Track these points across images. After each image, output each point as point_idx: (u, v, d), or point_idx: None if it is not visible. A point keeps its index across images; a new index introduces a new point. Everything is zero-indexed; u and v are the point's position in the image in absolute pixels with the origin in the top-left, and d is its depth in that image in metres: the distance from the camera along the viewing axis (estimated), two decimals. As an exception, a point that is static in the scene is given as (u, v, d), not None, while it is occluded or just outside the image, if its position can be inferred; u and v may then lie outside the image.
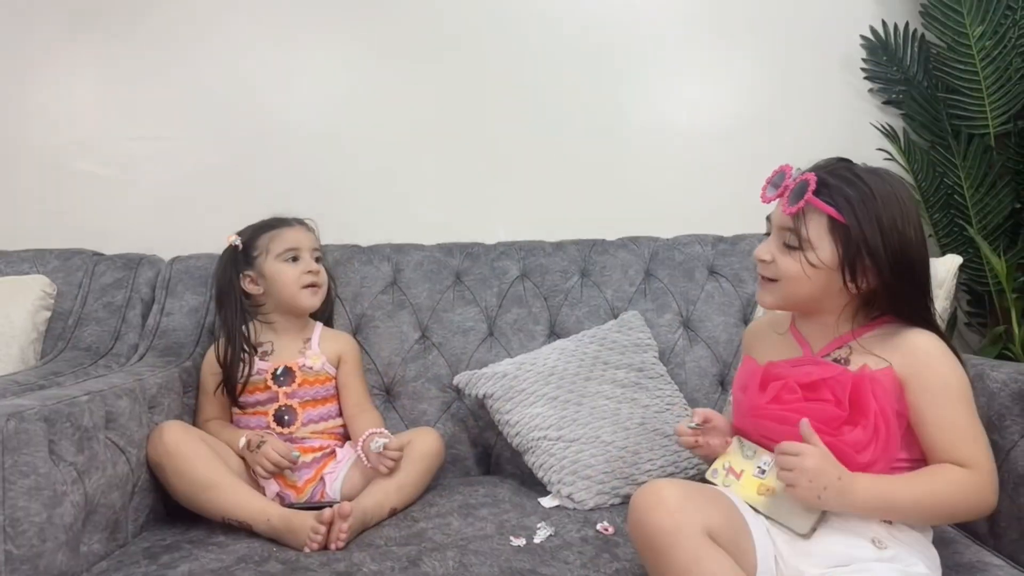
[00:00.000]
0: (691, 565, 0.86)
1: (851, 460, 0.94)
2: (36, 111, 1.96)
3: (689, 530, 0.87)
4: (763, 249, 1.06)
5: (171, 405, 1.41)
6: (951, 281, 1.38)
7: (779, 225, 1.04)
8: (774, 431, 1.00)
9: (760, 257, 1.06)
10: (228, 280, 1.50)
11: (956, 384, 0.98)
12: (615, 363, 1.52)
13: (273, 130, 1.97)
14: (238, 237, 1.52)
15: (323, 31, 1.98)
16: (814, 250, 1.00)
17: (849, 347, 1.04)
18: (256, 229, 1.53)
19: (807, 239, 1.00)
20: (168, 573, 1.08)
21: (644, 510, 0.90)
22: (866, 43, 1.98)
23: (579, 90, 1.99)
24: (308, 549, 1.15)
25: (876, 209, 0.98)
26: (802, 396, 0.99)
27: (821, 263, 1.00)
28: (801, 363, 1.05)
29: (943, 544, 1.06)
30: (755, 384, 1.05)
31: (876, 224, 0.97)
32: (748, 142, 1.98)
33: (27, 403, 1.08)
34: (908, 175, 1.92)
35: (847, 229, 0.98)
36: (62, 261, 1.74)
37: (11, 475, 1.00)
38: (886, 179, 1.02)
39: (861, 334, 1.04)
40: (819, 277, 1.01)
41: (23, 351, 1.59)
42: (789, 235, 1.02)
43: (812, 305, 1.06)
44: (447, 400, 1.63)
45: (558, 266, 1.75)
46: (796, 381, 1.00)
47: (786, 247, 1.03)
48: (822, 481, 0.91)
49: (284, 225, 1.53)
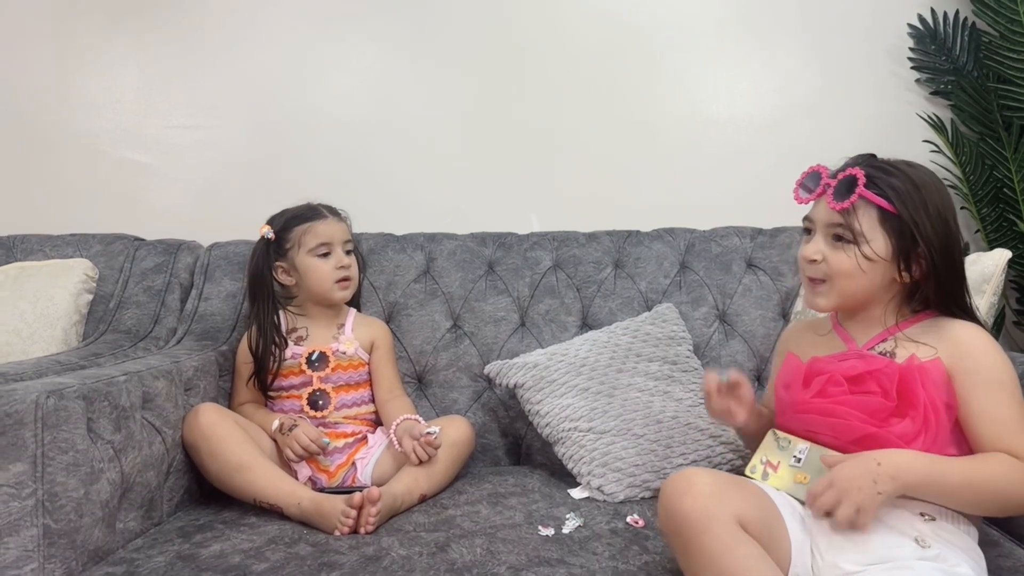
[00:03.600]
0: (721, 552, 0.85)
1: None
2: (80, 100, 2.00)
3: (720, 517, 0.86)
4: (812, 249, 1.04)
5: (207, 388, 1.43)
6: (999, 276, 1.34)
7: (826, 222, 1.03)
8: (819, 424, 0.99)
9: (810, 257, 1.04)
10: (260, 272, 1.51)
11: (1003, 376, 0.97)
12: (648, 355, 1.51)
13: (310, 120, 1.99)
14: (270, 229, 1.52)
15: (360, 23, 1.99)
16: (868, 243, 0.99)
17: (894, 340, 1.03)
18: (289, 219, 1.52)
19: (861, 232, 0.99)
20: (200, 552, 1.10)
21: (674, 496, 0.89)
22: (914, 32, 1.92)
23: (615, 80, 1.97)
24: (338, 533, 1.16)
25: (923, 197, 0.98)
26: (847, 389, 0.98)
27: (876, 255, 0.99)
28: (846, 357, 1.03)
29: (986, 546, 1.03)
30: (798, 381, 1.04)
31: (924, 212, 0.98)
32: (788, 133, 1.94)
33: (67, 381, 1.10)
34: (956, 168, 1.87)
35: (899, 219, 0.98)
36: (104, 246, 1.78)
37: (50, 451, 1.02)
38: (920, 169, 1.03)
39: (905, 327, 1.03)
40: (874, 270, 1.00)
41: (66, 333, 1.62)
42: (840, 230, 1.01)
43: (864, 301, 1.05)
44: (478, 389, 1.63)
45: (591, 257, 1.73)
46: (841, 374, 0.99)
47: (836, 244, 1.02)
48: (866, 478, 0.89)
49: (317, 217, 1.51)
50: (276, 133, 1.99)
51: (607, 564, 1.04)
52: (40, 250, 1.76)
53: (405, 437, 1.35)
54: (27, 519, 0.99)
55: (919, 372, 0.95)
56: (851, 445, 0.96)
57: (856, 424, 0.96)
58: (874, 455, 0.91)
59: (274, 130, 1.99)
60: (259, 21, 1.99)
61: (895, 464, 0.90)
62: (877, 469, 0.90)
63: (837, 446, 0.98)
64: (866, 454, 0.92)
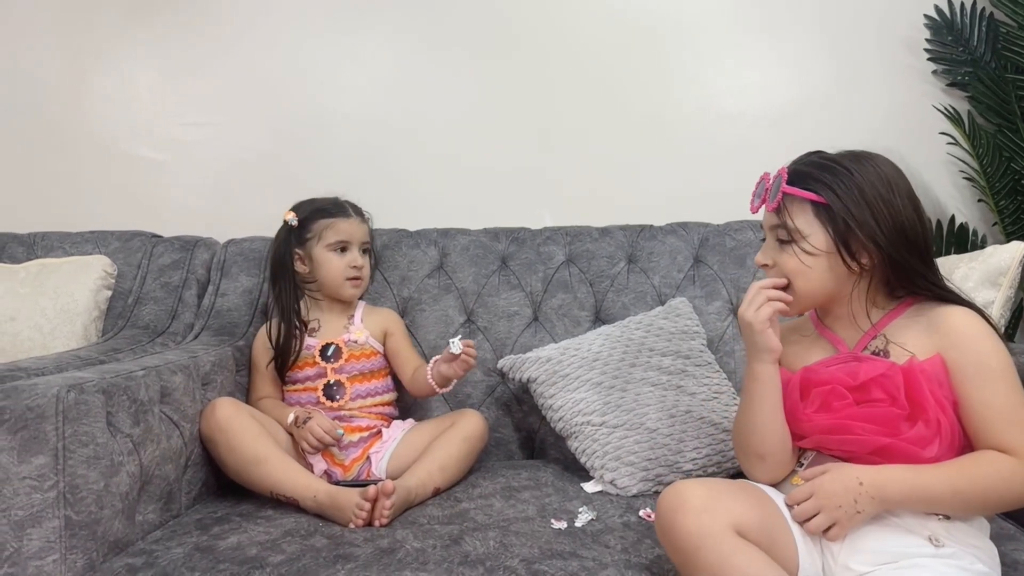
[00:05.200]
0: (720, 565, 0.84)
1: (917, 458, 0.90)
2: (97, 98, 2.02)
3: (714, 529, 0.85)
4: (761, 255, 1.05)
5: (224, 382, 1.45)
6: (1016, 269, 1.33)
7: (768, 226, 1.04)
8: (831, 443, 0.96)
9: (761, 263, 1.05)
10: (282, 256, 1.54)
11: (996, 362, 0.93)
12: (661, 350, 1.51)
13: (323, 116, 2.00)
14: (295, 215, 1.55)
15: (373, 19, 2.00)
16: (805, 238, 0.99)
17: (884, 336, 1.00)
18: (314, 211, 1.55)
19: (795, 229, 0.99)
20: (218, 543, 1.11)
21: (668, 513, 0.88)
22: (930, 23, 1.90)
23: (627, 76, 1.97)
24: (353, 525, 1.17)
25: (855, 183, 0.97)
26: (852, 400, 0.95)
27: (816, 249, 0.98)
28: (839, 360, 1.00)
29: (1002, 540, 1.02)
30: (794, 394, 1.01)
31: (859, 196, 0.96)
32: (803, 127, 1.93)
33: (86, 376, 1.12)
34: (973, 160, 1.85)
35: (829, 209, 0.97)
36: (122, 242, 1.80)
37: (71, 444, 1.04)
38: (863, 157, 1.01)
39: (891, 320, 1.00)
40: (820, 265, 0.99)
41: (86, 328, 1.65)
42: (779, 231, 1.01)
43: (828, 297, 1.03)
44: (491, 384, 1.63)
45: (604, 251, 1.73)
46: (842, 384, 0.96)
47: (780, 245, 1.02)
48: (847, 497, 0.89)
49: (342, 215, 1.54)
50: (290, 129, 2.01)
51: (619, 558, 1.05)
52: (60, 247, 1.79)
53: (442, 365, 1.40)
54: (49, 511, 1.01)
55: (922, 373, 0.92)
56: (865, 457, 0.93)
57: (869, 438, 0.93)
58: (857, 472, 0.90)
59: (288, 126, 2.01)
60: (273, 18, 2.01)
61: (877, 484, 0.89)
62: (859, 489, 0.89)
63: (849, 459, 0.95)
64: (848, 469, 0.91)
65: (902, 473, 0.90)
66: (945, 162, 1.92)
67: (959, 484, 0.89)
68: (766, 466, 1.02)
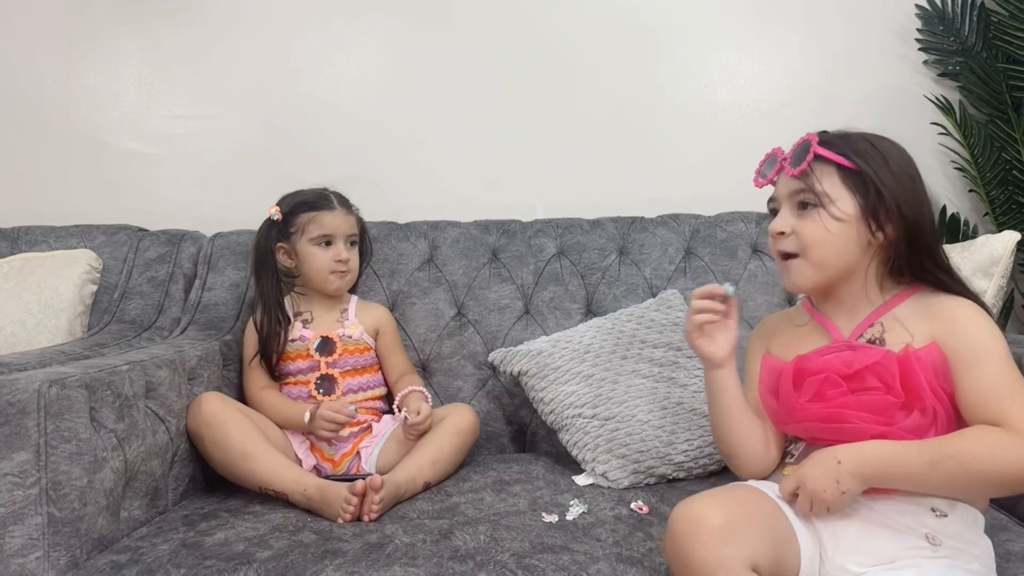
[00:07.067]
0: None
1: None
2: (83, 91, 2.00)
3: (733, 566, 0.80)
4: (779, 222, 1.00)
5: (211, 377, 1.43)
6: (1008, 258, 1.32)
7: (789, 192, 1.00)
8: (825, 432, 0.94)
9: (778, 230, 1.00)
10: (265, 251, 1.52)
11: (992, 344, 0.92)
12: (653, 342, 1.50)
13: (312, 108, 1.98)
14: (278, 210, 1.52)
15: (362, 10, 1.98)
16: (834, 202, 0.96)
17: (881, 324, 0.98)
18: (297, 204, 1.52)
19: (824, 192, 0.96)
20: (205, 540, 1.10)
21: (683, 538, 0.83)
22: (921, 12, 1.89)
23: (617, 65, 1.95)
24: (341, 520, 1.16)
25: (882, 154, 0.96)
26: (847, 388, 0.93)
27: (844, 214, 0.96)
28: (833, 349, 0.98)
29: (995, 531, 1.02)
30: (787, 384, 0.98)
31: (886, 168, 0.95)
32: (795, 117, 1.92)
33: (69, 370, 1.11)
34: (964, 150, 1.85)
35: (860, 175, 0.95)
36: (108, 236, 1.78)
37: (53, 440, 1.02)
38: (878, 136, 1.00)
39: (891, 307, 0.98)
40: (845, 232, 0.96)
41: (71, 323, 1.63)
42: (803, 196, 0.98)
43: (844, 271, 0.99)
44: (482, 377, 1.62)
45: (596, 244, 1.72)
46: (837, 373, 0.94)
47: (802, 212, 0.98)
48: (829, 479, 0.87)
49: (326, 208, 1.52)
50: (279, 122, 1.99)
51: (611, 551, 1.04)
52: (44, 241, 1.77)
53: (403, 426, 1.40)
54: (31, 508, 0.99)
55: (917, 362, 0.91)
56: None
57: (864, 426, 0.91)
58: (835, 452, 0.89)
59: (277, 119, 1.99)
60: (261, 11, 1.99)
61: (857, 460, 0.87)
62: (838, 468, 0.87)
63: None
64: (828, 451, 0.89)
65: (883, 448, 0.88)
66: (936, 152, 1.91)
67: (941, 454, 0.86)
68: (739, 463, 1.05)
